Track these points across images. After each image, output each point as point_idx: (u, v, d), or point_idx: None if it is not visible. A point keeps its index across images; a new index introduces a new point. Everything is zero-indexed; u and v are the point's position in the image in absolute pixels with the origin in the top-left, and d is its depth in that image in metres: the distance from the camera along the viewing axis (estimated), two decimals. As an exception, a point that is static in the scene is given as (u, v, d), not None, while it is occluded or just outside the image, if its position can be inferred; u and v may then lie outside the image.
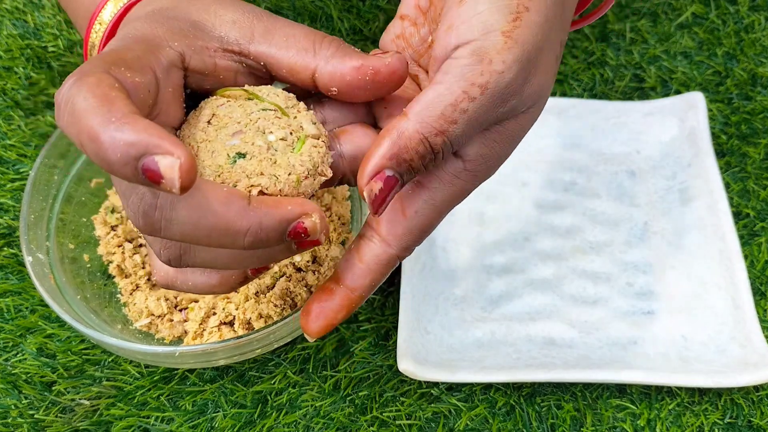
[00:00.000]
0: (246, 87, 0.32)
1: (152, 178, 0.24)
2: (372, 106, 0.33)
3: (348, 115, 0.33)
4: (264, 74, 0.33)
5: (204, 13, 0.32)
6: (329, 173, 0.31)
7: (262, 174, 0.29)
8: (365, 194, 0.29)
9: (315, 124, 0.32)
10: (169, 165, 0.24)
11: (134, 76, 0.27)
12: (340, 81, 0.31)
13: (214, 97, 0.32)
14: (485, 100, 0.29)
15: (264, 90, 0.32)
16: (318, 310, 0.33)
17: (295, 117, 0.31)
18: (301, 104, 0.32)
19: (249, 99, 0.32)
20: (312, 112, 0.32)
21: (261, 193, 0.29)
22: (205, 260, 0.30)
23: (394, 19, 0.35)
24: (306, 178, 0.30)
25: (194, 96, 0.32)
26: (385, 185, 0.29)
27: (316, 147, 0.31)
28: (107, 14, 0.34)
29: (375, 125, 0.34)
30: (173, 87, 0.30)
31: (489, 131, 0.31)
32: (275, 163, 0.30)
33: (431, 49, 0.32)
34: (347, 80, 0.31)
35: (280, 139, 0.30)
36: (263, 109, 0.31)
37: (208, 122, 0.31)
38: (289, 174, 0.30)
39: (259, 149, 0.30)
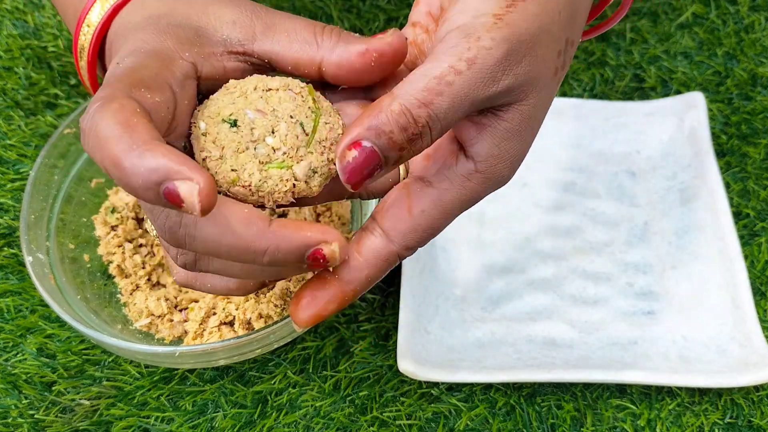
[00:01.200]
0: (319, 95, 0.31)
1: (174, 202, 0.25)
2: (371, 90, 0.33)
3: (347, 98, 0.33)
4: (270, 70, 0.33)
5: (204, 16, 0.32)
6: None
7: (222, 149, 0.29)
8: (337, 163, 0.28)
9: (314, 173, 0.30)
10: (188, 190, 0.25)
11: (154, 96, 0.28)
12: (347, 69, 0.31)
13: (305, 84, 0.31)
14: (473, 75, 0.28)
15: (325, 105, 0.31)
16: (309, 298, 0.31)
17: (311, 152, 0.30)
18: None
19: (312, 99, 0.31)
20: (329, 166, 0.30)
21: (204, 160, 0.29)
22: (219, 269, 0.31)
23: (406, 26, 0.35)
24: (234, 187, 0.29)
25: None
26: (363, 158, 0.27)
27: (281, 181, 0.30)
28: (95, 16, 0.34)
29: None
30: (189, 99, 0.31)
31: (493, 127, 0.30)
32: (237, 153, 0.29)
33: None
34: (355, 67, 0.31)
35: (272, 147, 0.29)
36: (304, 118, 0.30)
37: (267, 90, 0.31)
38: (232, 170, 0.29)
39: (247, 133, 0.29)
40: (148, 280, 0.48)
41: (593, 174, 0.54)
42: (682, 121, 0.55)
